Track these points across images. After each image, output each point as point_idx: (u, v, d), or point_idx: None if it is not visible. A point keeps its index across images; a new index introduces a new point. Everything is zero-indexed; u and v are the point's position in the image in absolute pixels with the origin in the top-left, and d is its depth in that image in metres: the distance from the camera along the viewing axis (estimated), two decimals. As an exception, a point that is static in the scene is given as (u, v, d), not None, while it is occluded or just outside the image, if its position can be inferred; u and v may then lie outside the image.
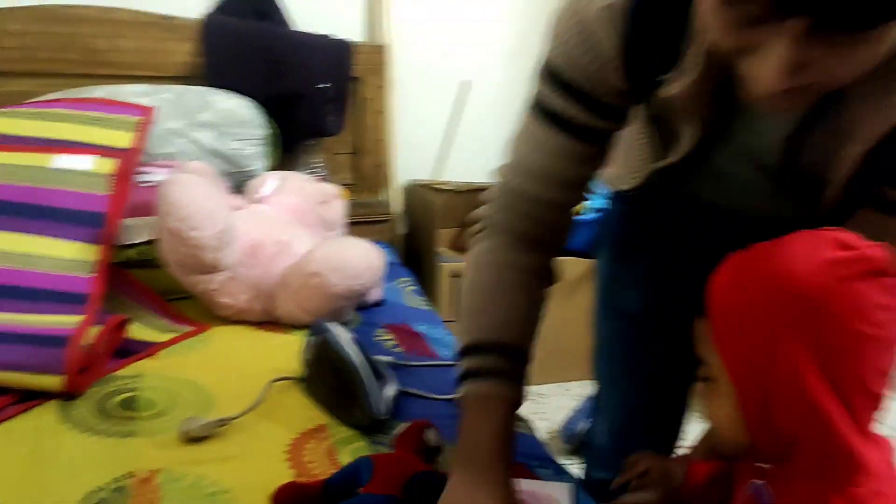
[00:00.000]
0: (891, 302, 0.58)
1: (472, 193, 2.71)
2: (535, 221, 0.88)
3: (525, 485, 0.90)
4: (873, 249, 0.59)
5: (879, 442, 0.63)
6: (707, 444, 0.90)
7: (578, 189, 0.87)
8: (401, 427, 1.12)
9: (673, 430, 1.17)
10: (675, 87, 0.73)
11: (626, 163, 0.97)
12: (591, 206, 2.19)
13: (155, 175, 1.88)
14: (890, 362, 0.60)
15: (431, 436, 1.10)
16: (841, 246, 0.58)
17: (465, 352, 0.87)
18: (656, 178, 0.89)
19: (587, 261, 2.05)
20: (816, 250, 0.58)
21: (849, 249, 0.58)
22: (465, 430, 0.85)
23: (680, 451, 1.08)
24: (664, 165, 0.85)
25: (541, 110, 0.85)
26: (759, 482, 0.67)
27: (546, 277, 0.90)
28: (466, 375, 0.86)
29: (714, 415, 0.68)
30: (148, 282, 1.72)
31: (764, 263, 0.59)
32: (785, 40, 0.54)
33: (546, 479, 1.04)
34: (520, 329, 0.86)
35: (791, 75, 0.56)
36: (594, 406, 1.28)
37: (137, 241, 1.72)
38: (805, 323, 0.57)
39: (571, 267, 2.24)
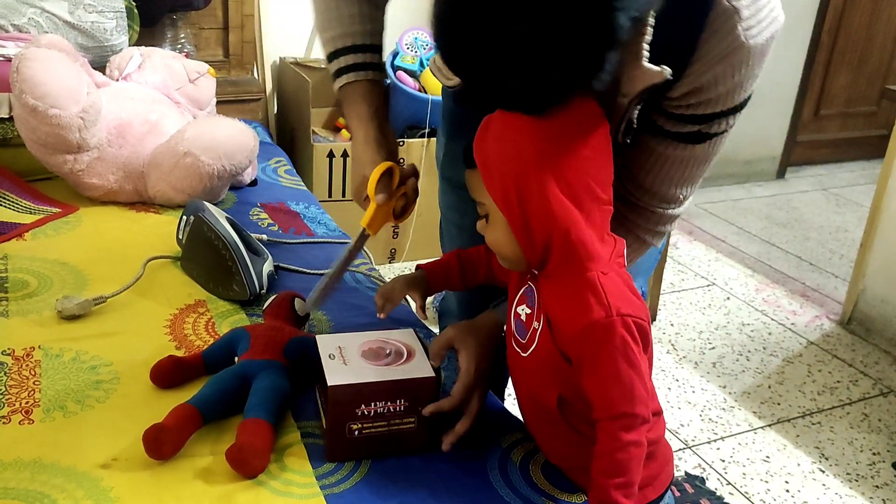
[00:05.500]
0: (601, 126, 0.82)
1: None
2: None
3: (377, 335, 0.99)
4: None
5: (615, 241, 0.85)
6: None
7: None
8: (270, 299, 1.18)
9: None
10: None
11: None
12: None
13: (4, 48, 1.76)
14: (610, 172, 0.83)
15: (299, 305, 1.16)
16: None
17: (336, 54, 1.04)
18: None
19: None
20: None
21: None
22: (351, 111, 1.04)
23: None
24: None
25: None
26: (529, 285, 0.87)
27: None
28: (342, 71, 1.04)
29: (494, 241, 0.87)
30: (4, 162, 1.65)
31: (513, 123, 0.79)
32: None
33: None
34: (373, 28, 1.04)
35: None
36: None
37: (-12, 119, 1.64)
38: (547, 157, 0.78)
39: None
